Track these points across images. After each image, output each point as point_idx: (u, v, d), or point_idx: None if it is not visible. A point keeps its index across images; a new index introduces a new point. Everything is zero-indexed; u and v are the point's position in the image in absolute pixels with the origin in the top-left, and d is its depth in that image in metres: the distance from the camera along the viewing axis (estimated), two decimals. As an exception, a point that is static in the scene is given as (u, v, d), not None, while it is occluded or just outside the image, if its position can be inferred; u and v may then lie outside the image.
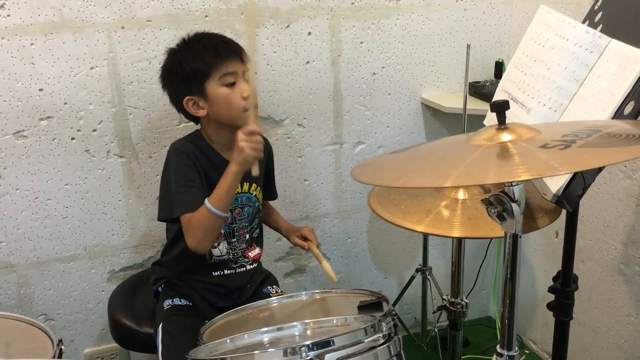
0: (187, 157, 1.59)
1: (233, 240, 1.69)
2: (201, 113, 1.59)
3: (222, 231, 1.66)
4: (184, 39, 1.62)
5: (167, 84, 1.64)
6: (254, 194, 1.72)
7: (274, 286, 1.79)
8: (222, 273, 1.70)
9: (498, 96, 1.57)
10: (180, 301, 1.66)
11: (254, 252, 1.76)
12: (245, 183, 1.68)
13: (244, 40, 1.70)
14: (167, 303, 1.66)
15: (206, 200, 1.52)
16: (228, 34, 1.80)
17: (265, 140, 1.81)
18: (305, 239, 1.80)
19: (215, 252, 1.67)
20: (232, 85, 1.56)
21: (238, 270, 1.72)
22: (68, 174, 1.91)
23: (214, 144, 1.65)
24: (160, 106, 1.93)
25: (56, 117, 1.84)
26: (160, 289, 1.72)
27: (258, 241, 1.80)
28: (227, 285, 1.70)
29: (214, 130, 1.64)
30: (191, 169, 1.58)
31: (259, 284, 1.77)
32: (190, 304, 1.67)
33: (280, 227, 1.89)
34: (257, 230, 1.78)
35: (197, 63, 1.55)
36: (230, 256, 1.70)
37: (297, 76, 2.05)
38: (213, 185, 1.56)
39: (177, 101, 1.63)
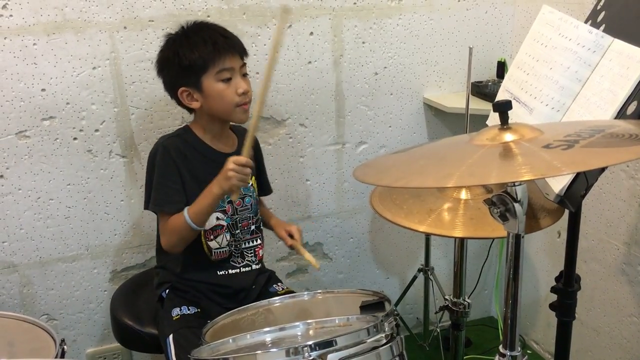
0: (168, 153, 1.60)
1: (236, 232, 1.69)
2: (195, 105, 1.60)
3: (225, 223, 1.66)
4: (182, 27, 1.61)
5: (163, 71, 1.63)
6: (250, 183, 1.71)
7: (278, 284, 1.78)
8: (226, 273, 1.69)
9: (500, 96, 1.57)
10: (189, 309, 1.63)
11: (262, 250, 1.76)
12: None
13: (246, 40, 1.69)
14: (176, 313, 1.62)
15: (185, 210, 1.55)
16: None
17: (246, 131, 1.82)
18: (291, 236, 1.77)
19: (213, 244, 1.66)
20: (228, 80, 1.57)
21: (243, 269, 1.71)
22: (70, 174, 1.91)
23: (205, 135, 1.65)
24: (162, 106, 1.93)
25: (58, 117, 1.85)
26: (164, 294, 1.70)
27: (261, 233, 1.79)
28: (232, 286, 1.69)
29: (207, 122, 1.65)
30: (170, 167, 1.59)
31: (263, 284, 1.76)
32: (198, 310, 1.64)
33: (270, 222, 1.85)
34: (261, 221, 1.79)
35: (195, 56, 1.54)
36: (233, 248, 1.69)
37: (299, 76, 2.05)
38: (201, 178, 1.59)
39: (171, 89, 1.63)
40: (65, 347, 1.38)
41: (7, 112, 1.80)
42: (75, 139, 1.88)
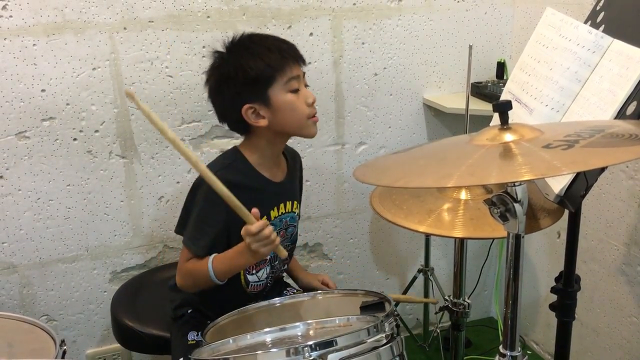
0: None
1: (276, 263, 1.62)
2: (262, 123, 1.45)
3: (268, 257, 1.55)
4: (232, 42, 1.47)
5: (221, 92, 1.47)
6: (296, 212, 1.64)
7: (288, 289, 1.75)
8: (256, 302, 1.59)
9: (504, 98, 1.57)
10: None
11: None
12: (288, 202, 1.59)
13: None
14: (192, 337, 1.54)
15: (211, 260, 1.43)
16: (229, 35, 1.78)
17: (297, 153, 1.72)
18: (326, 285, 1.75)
19: (252, 278, 1.57)
20: (296, 91, 1.45)
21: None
22: (70, 175, 1.91)
23: (259, 159, 1.52)
24: (162, 107, 1.93)
25: (58, 118, 1.85)
26: (186, 313, 1.60)
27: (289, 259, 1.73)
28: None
29: (268, 142, 1.50)
30: (215, 206, 1.41)
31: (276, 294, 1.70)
32: None
33: (297, 272, 1.80)
34: (294, 247, 1.72)
35: (262, 66, 1.41)
36: (269, 280, 1.61)
37: (299, 77, 2.05)
38: (245, 206, 1.36)
39: (231, 111, 1.46)
40: (65, 347, 1.38)
41: (7, 113, 1.80)
42: (75, 139, 1.88)
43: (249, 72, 1.41)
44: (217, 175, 1.38)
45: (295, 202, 1.63)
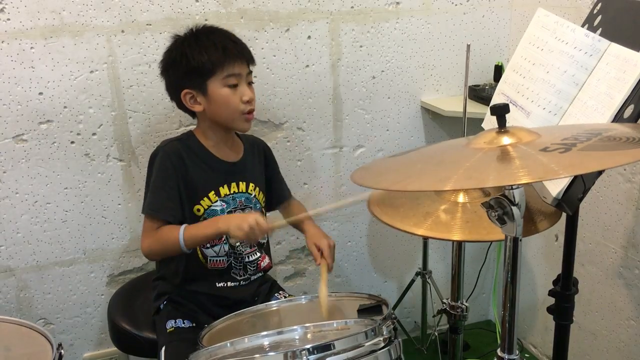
0: (168, 158, 1.58)
1: (236, 244, 1.66)
2: (197, 108, 1.58)
3: (223, 237, 1.62)
4: (192, 30, 1.60)
5: (167, 72, 1.62)
6: (253, 195, 1.68)
7: (280, 292, 1.76)
8: (225, 285, 1.66)
9: (496, 99, 1.57)
10: (184, 323, 1.61)
11: (264, 262, 1.73)
12: (241, 182, 1.65)
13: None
14: (170, 325, 1.60)
15: (182, 229, 1.52)
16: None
17: (260, 141, 1.81)
18: (320, 252, 1.65)
19: (209, 252, 1.63)
20: (234, 86, 1.56)
21: (243, 283, 1.68)
22: (68, 178, 1.90)
23: (208, 141, 1.63)
24: (160, 110, 1.93)
25: (56, 121, 1.84)
26: (162, 306, 1.67)
27: (266, 249, 1.77)
28: (232, 297, 1.65)
29: (209, 128, 1.62)
30: (168, 171, 1.57)
31: (266, 294, 1.73)
32: (193, 324, 1.61)
33: (303, 226, 1.73)
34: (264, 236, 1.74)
35: (204, 59, 1.52)
36: (232, 259, 1.66)
37: (296, 80, 2.05)
38: (198, 186, 1.58)
39: (174, 91, 1.61)
40: (62, 351, 1.38)
41: (5, 116, 1.80)
42: (72, 142, 1.88)
43: (191, 62, 1.54)
44: (169, 145, 1.60)
45: (252, 184, 1.69)
